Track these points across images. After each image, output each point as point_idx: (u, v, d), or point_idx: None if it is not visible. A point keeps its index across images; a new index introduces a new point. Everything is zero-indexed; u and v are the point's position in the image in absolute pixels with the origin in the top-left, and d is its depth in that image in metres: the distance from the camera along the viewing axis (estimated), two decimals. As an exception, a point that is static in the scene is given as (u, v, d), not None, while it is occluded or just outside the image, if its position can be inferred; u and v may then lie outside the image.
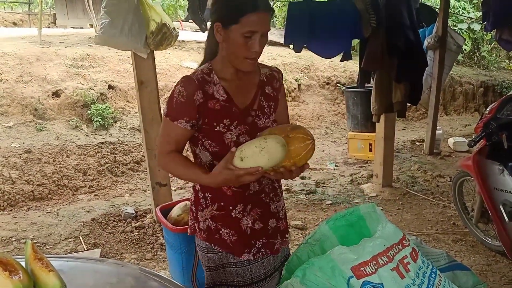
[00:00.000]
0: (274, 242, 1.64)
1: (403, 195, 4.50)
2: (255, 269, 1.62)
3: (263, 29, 1.40)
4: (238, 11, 1.37)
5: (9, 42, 7.59)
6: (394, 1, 3.82)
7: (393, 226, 1.57)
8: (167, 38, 3.41)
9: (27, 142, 5.18)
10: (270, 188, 1.62)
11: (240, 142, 1.44)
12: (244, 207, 1.56)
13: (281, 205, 1.69)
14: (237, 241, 1.57)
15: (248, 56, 1.42)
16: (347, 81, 8.29)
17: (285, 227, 1.71)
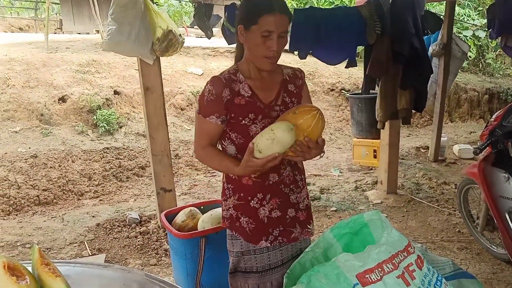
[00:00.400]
0: (292, 231, 1.72)
1: (408, 202, 4.48)
2: (273, 256, 1.72)
3: (279, 29, 1.52)
4: (257, 13, 1.52)
5: (16, 47, 7.66)
6: (399, 8, 3.83)
7: (398, 233, 1.58)
8: (173, 45, 3.43)
9: (33, 147, 5.21)
10: (290, 179, 1.71)
11: None
12: (263, 197, 1.67)
13: (303, 197, 1.77)
14: (254, 229, 1.68)
15: (266, 55, 1.55)
16: (351, 88, 8.30)
17: (306, 217, 1.77)
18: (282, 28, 1.53)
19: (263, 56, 1.56)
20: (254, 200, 1.67)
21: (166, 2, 9.12)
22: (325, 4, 9.69)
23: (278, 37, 1.53)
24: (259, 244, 1.69)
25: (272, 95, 1.67)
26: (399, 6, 3.81)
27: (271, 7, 1.51)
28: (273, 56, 1.56)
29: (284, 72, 1.74)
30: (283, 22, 1.53)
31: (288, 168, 1.70)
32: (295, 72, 1.77)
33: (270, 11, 1.50)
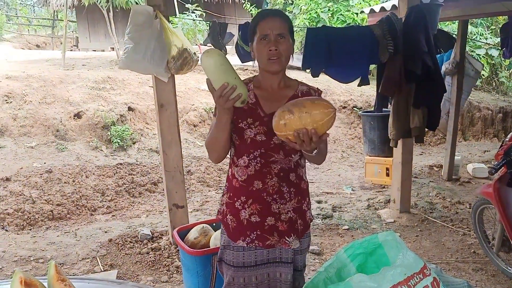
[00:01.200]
0: (268, 238, 1.78)
1: (422, 222, 4.43)
2: (247, 256, 1.81)
3: (274, 31, 1.67)
4: (254, 25, 1.73)
5: (34, 64, 7.85)
6: (411, 27, 3.85)
7: (413, 254, 1.56)
8: (188, 63, 3.48)
9: (48, 162, 5.29)
10: (275, 189, 1.76)
11: (256, 140, 1.72)
12: (245, 200, 1.77)
13: (287, 209, 1.78)
14: (235, 228, 1.80)
15: (268, 56, 1.68)
16: (363, 105, 8.30)
17: (287, 229, 1.78)
18: (277, 30, 1.67)
19: (267, 59, 1.68)
20: (238, 202, 1.78)
21: (180, 21, 9.27)
22: (337, 22, 9.77)
23: (276, 38, 1.67)
24: (237, 242, 1.80)
25: (277, 107, 1.67)
26: (412, 25, 3.83)
27: (263, 15, 1.73)
28: (275, 56, 1.67)
29: (299, 88, 1.81)
30: (276, 24, 1.68)
31: (275, 179, 1.75)
32: (310, 90, 1.81)
33: (263, 18, 1.70)
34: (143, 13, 3.41)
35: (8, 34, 14.80)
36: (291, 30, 1.74)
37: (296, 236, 1.80)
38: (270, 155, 1.74)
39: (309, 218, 1.87)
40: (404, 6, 4.12)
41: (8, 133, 5.64)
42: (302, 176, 1.83)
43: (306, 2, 10.31)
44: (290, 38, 1.73)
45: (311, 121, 1.49)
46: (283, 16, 1.74)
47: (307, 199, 1.86)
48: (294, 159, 1.77)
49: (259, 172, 1.74)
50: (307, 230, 1.87)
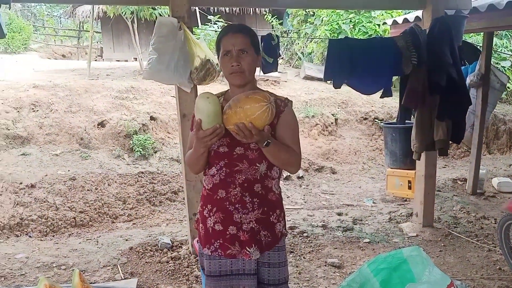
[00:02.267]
0: (228, 247, 1.80)
1: (445, 237, 4.33)
2: (213, 265, 1.84)
3: (236, 47, 1.74)
4: (218, 40, 1.81)
5: (60, 74, 8.05)
6: (435, 39, 3.80)
7: (440, 272, 1.53)
8: (211, 74, 3.52)
9: (72, 170, 5.39)
10: (237, 199, 1.78)
11: (219, 152, 1.78)
12: (211, 209, 1.82)
13: (249, 219, 1.79)
14: (203, 235, 1.87)
15: (230, 71, 1.75)
16: (385, 117, 8.22)
17: (248, 239, 1.79)
18: (239, 46, 1.74)
19: (229, 73, 1.76)
20: (206, 210, 1.85)
21: (202, 32, 9.40)
22: (359, 34, 9.74)
23: (238, 54, 1.73)
24: (203, 249, 1.87)
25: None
26: (436, 36, 3.79)
27: (226, 31, 1.80)
28: (236, 71, 1.74)
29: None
30: (238, 40, 1.75)
31: (238, 189, 1.77)
32: (277, 101, 1.83)
33: (225, 34, 1.78)
34: (167, 24, 3.47)
35: (35, 44, 15.22)
36: (255, 44, 1.80)
37: (258, 247, 1.80)
38: (234, 164, 1.78)
39: (279, 231, 1.86)
40: (428, 17, 4.08)
41: (34, 141, 5.78)
42: (270, 188, 1.83)
43: (327, 13, 10.31)
44: (254, 52, 1.79)
45: (244, 115, 1.58)
46: (245, 31, 1.80)
47: (277, 211, 1.85)
48: (260, 169, 1.78)
49: (223, 181, 1.79)
50: (276, 243, 1.85)
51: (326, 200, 5.84)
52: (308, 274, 3.57)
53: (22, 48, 13.01)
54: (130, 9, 8.30)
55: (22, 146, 5.67)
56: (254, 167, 1.77)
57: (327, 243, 4.19)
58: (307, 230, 4.49)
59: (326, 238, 4.32)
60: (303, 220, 4.86)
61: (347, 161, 7.39)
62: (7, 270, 3.60)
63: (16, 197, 4.84)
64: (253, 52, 1.78)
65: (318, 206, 5.57)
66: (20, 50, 12.81)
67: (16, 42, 12.72)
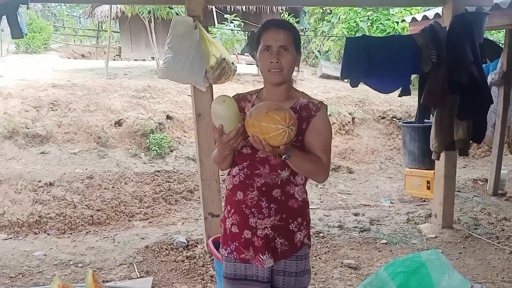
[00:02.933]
0: (242, 251, 1.74)
1: (465, 238, 4.23)
2: (228, 267, 1.80)
3: (277, 43, 1.66)
4: (258, 35, 1.72)
5: (79, 73, 8.15)
6: (456, 36, 3.72)
7: (460, 276, 1.48)
8: (226, 73, 3.50)
9: (90, 169, 5.45)
10: (253, 203, 1.71)
11: (242, 152, 1.72)
12: (230, 209, 1.78)
13: (265, 225, 1.71)
14: (222, 235, 1.85)
15: (269, 68, 1.67)
16: (403, 116, 8.10)
17: (262, 246, 1.71)
18: (280, 42, 1.66)
19: (267, 70, 1.68)
20: (226, 210, 1.82)
21: (219, 31, 9.40)
22: (377, 32, 9.61)
23: (279, 50, 1.66)
24: (221, 249, 1.85)
25: None
26: (457, 34, 3.71)
27: (267, 25, 1.71)
28: (276, 68, 1.66)
29: (299, 101, 1.76)
30: (280, 35, 1.67)
31: (255, 192, 1.71)
32: (309, 104, 1.75)
33: (267, 29, 1.69)
34: (183, 23, 3.47)
35: (55, 44, 15.45)
36: (296, 42, 1.72)
37: (271, 255, 1.71)
38: (255, 167, 1.71)
39: (299, 240, 1.75)
40: (449, 14, 3.99)
41: (53, 140, 5.86)
42: (292, 194, 1.73)
43: (344, 11, 10.21)
44: (295, 50, 1.71)
45: (259, 130, 1.51)
46: (288, 27, 1.72)
47: (298, 220, 1.75)
48: (282, 174, 1.70)
49: (242, 183, 1.73)
50: (294, 252, 1.75)
51: (343, 200, 5.78)
52: (324, 275, 3.53)
53: (43, 48, 13.23)
54: (147, 9, 8.35)
55: (41, 144, 5.76)
56: (275, 173, 1.69)
57: (344, 244, 4.14)
58: (323, 231, 4.45)
59: (342, 239, 4.27)
60: (319, 220, 4.82)
61: (364, 160, 7.30)
62: (25, 267, 3.65)
63: (35, 195, 4.91)
64: (294, 50, 1.70)
65: (334, 206, 5.52)
66: (41, 50, 13.02)
67: (36, 42, 12.93)
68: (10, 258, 3.82)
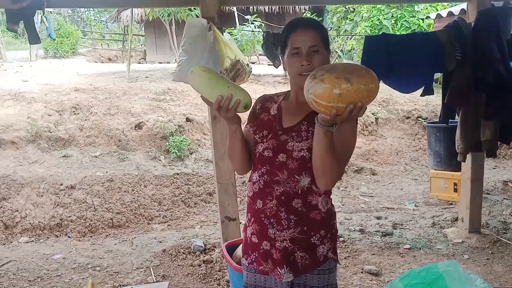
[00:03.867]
0: (261, 263, 1.67)
1: (493, 243, 4.04)
2: (249, 277, 1.75)
3: (306, 44, 1.56)
4: (285, 37, 1.62)
5: (101, 77, 8.26)
6: (481, 33, 3.54)
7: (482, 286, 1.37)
8: (240, 74, 3.45)
9: (110, 171, 5.49)
10: (272, 213, 1.62)
11: (263, 155, 1.64)
12: (250, 218, 1.72)
13: (283, 237, 1.61)
14: (243, 244, 1.79)
15: (299, 71, 1.57)
16: (429, 115, 7.86)
17: (281, 259, 1.61)
18: (310, 42, 1.56)
19: (297, 73, 1.58)
20: (247, 218, 1.75)
21: (239, 32, 9.37)
22: (401, 29, 9.38)
23: (309, 52, 1.56)
24: (242, 258, 1.78)
25: (295, 121, 1.65)
26: (482, 30, 3.53)
27: (294, 27, 1.61)
28: (307, 71, 1.52)
29: None
30: (308, 36, 1.57)
31: (274, 201, 1.61)
32: None
33: (294, 30, 1.59)
34: (197, 25, 3.42)
35: (83, 49, 15.80)
36: (325, 41, 1.61)
37: (290, 269, 1.60)
38: (274, 173, 1.61)
39: (322, 254, 1.62)
40: (474, 10, 3.82)
41: (75, 143, 5.94)
42: (315, 205, 1.61)
43: (368, 9, 10.01)
44: (325, 50, 1.60)
45: (366, 95, 1.31)
46: (316, 26, 1.61)
47: (321, 232, 1.62)
48: (301, 181, 1.58)
49: (262, 190, 1.64)
50: (316, 266, 1.63)
51: (365, 203, 5.64)
52: (343, 282, 3.43)
53: (70, 53, 13.53)
54: (167, 12, 8.40)
55: (63, 148, 5.84)
56: (293, 179, 1.58)
57: (365, 249, 4.02)
58: (344, 235, 4.33)
59: (363, 243, 4.14)
60: (340, 223, 4.70)
61: (388, 162, 7.11)
62: (44, 270, 3.69)
63: (56, 198, 4.98)
64: (324, 50, 1.60)
65: (356, 209, 5.38)
66: (68, 54, 13.32)
67: (64, 46, 13.24)
68: (30, 261, 3.87)
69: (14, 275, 3.62)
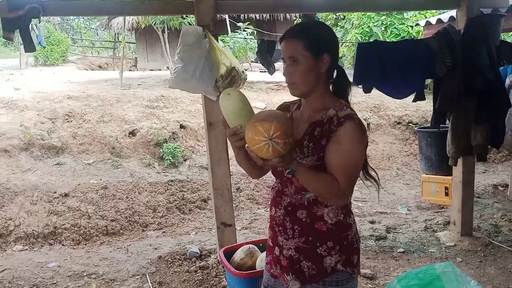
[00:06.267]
0: (272, 266, 1.73)
1: (485, 246, 4.10)
2: (265, 276, 1.82)
3: (286, 55, 1.57)
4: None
5: (94, 84, 8.25)
6: (471, 39, 3.63)
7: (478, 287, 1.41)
8: (236, 81, 3.49)
9: (104, 179, 5.47)
10: (280, 221, 1.67)
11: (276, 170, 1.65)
12: (269, 221, 1.76)
13: (289, 245, 1.64)
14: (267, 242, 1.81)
15: (285, 81, 1.61)
16: (419, 121, 7.96)
17: (288, 266, 1.64)
18: (288, 53, 1.56)
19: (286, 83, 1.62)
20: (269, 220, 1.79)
21: (231, 39, 9.43)
22: (391, 36, 9.51)
23: (289, 62, 1.57)
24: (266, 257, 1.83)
25: (300, 135, 1.60)
26: (471, 37, 3.62)
27: (282, 37, 1.61)
28: (289, 82, 1.59)
29: (328, 113, 1.57)
30: (289, 47, 1.56)
31: (282, 211, 1.65)
32: (334, 117, 1.55)
33: (281, 41, 1.61)
34: (193, 33, 3.47)
35: (74, 56, 15.74)
36: (313, 46, 1.54)
37: (296, 277, 1.61)
38: (285, 185, 1.64)
39: (329, 265, 1.58)
40: (463, 17, 3.91)
41: (68, 151, 5.92)
42: (320, 216, 1.59)
43: (358, 17, 10.14)
44: (311, 57, 1.54)
45: (247, 141, 1.42)
46: (296, 35, 1.56)
47: (328, 244, 1.59)
48: (306, 195, 1.59)
49: (275, 198, 1.70)
50: (323, 277, 1.59)
51: (358, 208, 5.68)
52: (338, 286, 3.45)
53: (61, 60, 13.47)
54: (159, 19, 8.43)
55: (56, 156, 5.82)
56: (299, 195, 1.60)
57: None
58: (338, 239, 4.36)
59: (358, 248, 4.17)
60: (334, 228, 4.73)
61: (380, 167, 7.17)
62: (39, 279, 3.67)
63: (50, 206, 4.95)
64: (309, 58, 1.54)
65: (350, 214, 5.42)
66: (59, 62, 13.26)
67: (54, 54, 13.18)
68: (25, 269, 3.85)
69: (9, 283, 3.60)
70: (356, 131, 1.52)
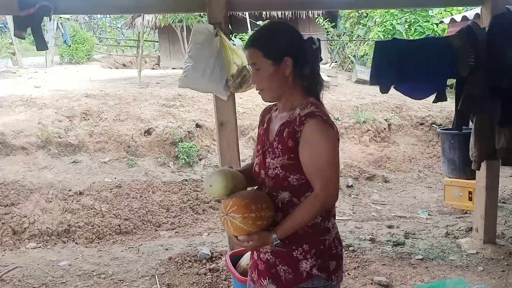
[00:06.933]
0: (252, 271, 1.74)
1: (509, 255, 3.90)
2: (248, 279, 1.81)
3: (250, 63, 1.62)
4: None
5: (113, 83, 8.30)
6: (496, 38, 3.44)
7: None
8: (247, 81, 3.40)
9: (119, 177, 5.48)
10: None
11: (255, 170, 1.68)
12: None
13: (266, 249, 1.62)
14: None
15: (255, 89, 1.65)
16: (443, 122, 7.70)
17: (263, 270, 1.64)
18: (251, 61, 1.60)
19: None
20: None
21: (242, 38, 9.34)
22: (415, 34, 9.24)
23: (253, 70, 1.61)
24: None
25: (273, 135, 1.64)
26: (496, 35, 3.44)
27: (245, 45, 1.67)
28: (257, 89, 1.62)
29: (294, 113, 1.59)
30: (252, 55, 1.59)
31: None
32: (298, 117, 1.55)
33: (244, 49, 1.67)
34: (203, 31, 3.40)
35: (99, 55, 15.95)
36: (272, 53, 1.55)
37: (272, 281, 1.59)
38: (260, 187, 1.66)
39: (304, 270, 1.55)
40: (488, 14, 3.72)
41: (84, 149, 5.95)
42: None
43: (381, 14, 9.90)
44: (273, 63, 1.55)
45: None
46: (255, 44, 1.59)
47: (304, 247, 1.56)
48: (280, 196, 1.58)
49: None
50: (299, 283, 1.56)
51: (377, 211, 5.52)
52: (351, 293, 3.33)
53: (85, 59, 13.65)
54: (178, 17, 8.41)
55: (73, 154, 5.86)
56: (273, 196, 1.58)
57: (375, 259, 3.91)
58: (354, 244, 4.23)
59: (374, 253, 4.03)
60: (350, 232, 4.60)
61: (401, 169, 6.98)
62: (49, 277, 3.67)
63: (65, 204, 4.98)
64: (270, 65, 1.55)
65: (367, 218, 5.27)
66: (84, 60, 13.44)
67: (79, 53, 13.36)
68: (36, 267, 3.86)
69: (19, 281, 3.61)
70: (319, 128, 1.51)
